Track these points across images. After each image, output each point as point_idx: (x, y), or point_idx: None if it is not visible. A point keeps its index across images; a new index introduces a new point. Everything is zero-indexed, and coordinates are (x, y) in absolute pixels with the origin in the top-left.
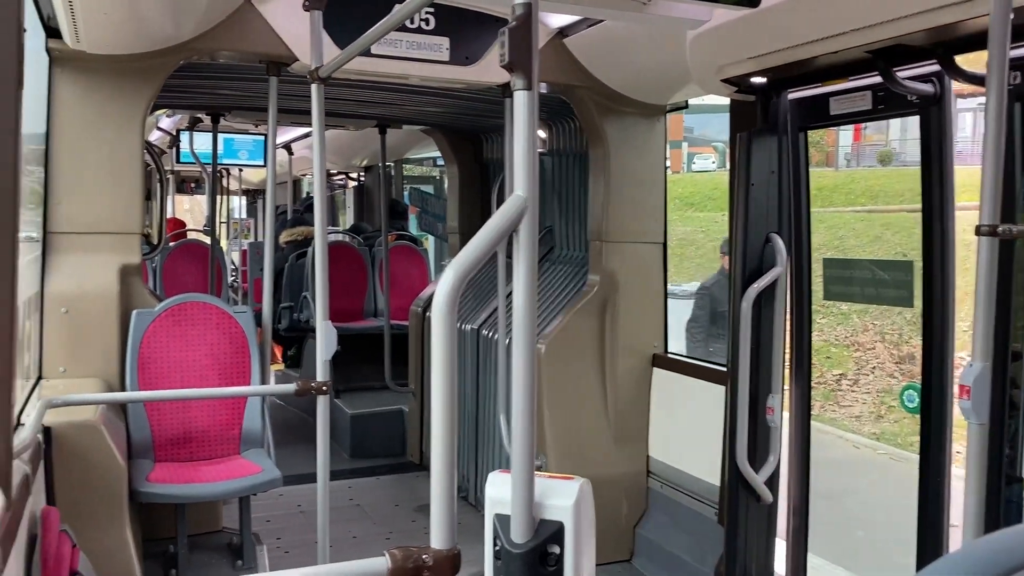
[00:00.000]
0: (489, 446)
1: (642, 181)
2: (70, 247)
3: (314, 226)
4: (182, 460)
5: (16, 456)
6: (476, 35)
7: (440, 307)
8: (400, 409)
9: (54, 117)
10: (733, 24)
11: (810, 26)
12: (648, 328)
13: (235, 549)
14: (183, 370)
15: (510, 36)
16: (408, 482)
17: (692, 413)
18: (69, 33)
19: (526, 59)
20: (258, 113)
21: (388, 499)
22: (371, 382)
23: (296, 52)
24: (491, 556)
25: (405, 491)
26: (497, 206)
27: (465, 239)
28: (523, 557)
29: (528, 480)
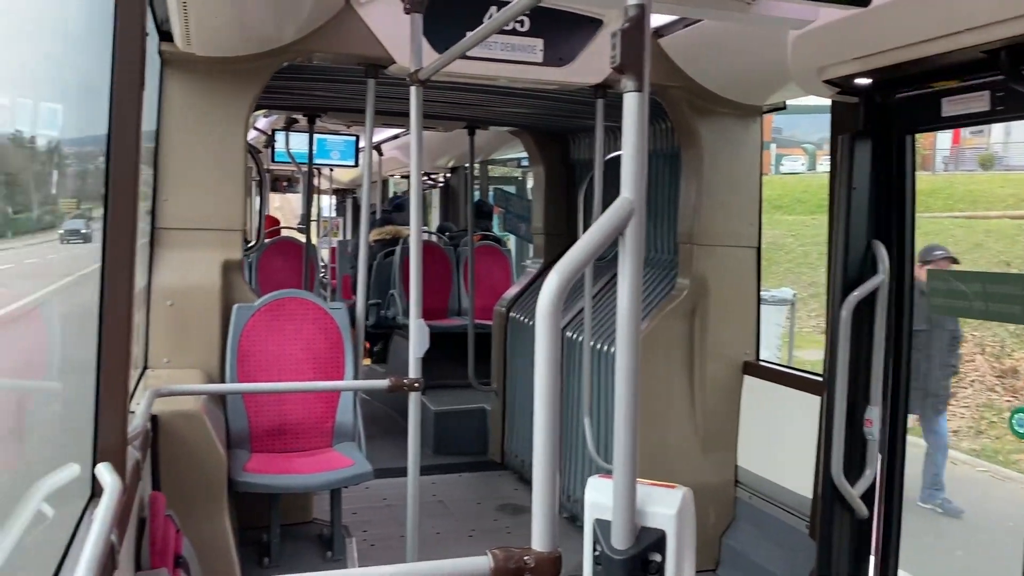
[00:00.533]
0: (571, 448)
1: (736, 183)
2: (176, 242)
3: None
4: (277, 451)
5: (129, 443)
6: (570, 36)
7: (544, 310)
8: (482, 408)
9: (164, 117)
10: (839, 24)
11: (923, 25)
12: (739, 334)
13: (325, 540)
14: (280, 363)
15: (622, 38)
16: (490, 480)
17: (784, 423)
18: (181, 36)
19: (638, 61)
20: (352, 114)
21: (470, 496)
22: (454, 380)
23: (394, 55)
24: (590, 561)
25: (487, 489)
26: (584, 207)
27: (550, 240)
28: (624, 564)
29: (630, 487)
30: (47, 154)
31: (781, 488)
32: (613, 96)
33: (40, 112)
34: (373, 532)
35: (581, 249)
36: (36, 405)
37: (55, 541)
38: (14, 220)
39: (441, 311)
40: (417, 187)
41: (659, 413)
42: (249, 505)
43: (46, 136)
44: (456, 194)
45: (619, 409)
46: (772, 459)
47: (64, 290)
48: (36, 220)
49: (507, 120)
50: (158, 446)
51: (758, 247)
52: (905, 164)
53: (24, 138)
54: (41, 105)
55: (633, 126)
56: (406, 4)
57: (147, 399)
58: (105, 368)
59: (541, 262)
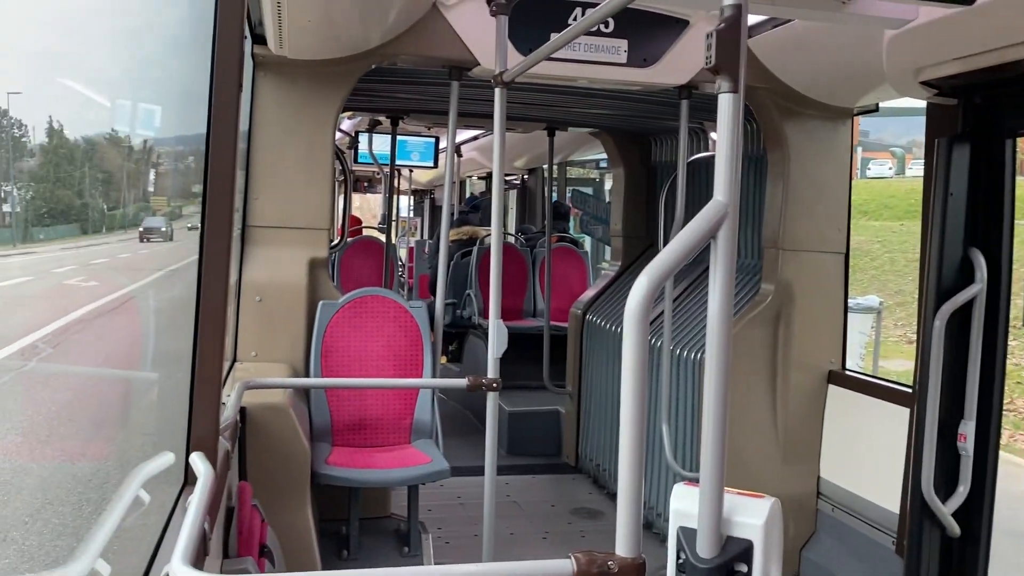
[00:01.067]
0: (648, 455)
1: (824, 187)
2: (265, 240)
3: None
4: (357, 446)
5: (220, 433)
6: (655, 36)
7: (633, 314)
8: (557, 410)
9: (255, 118)
10: (938, 23)
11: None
12: (825, 343)
13: (402, 536)
14: (362, 360)
15: (717, 38)
16: (563, 483)
17: (871, 435)
18: (274, 40)
19: (733, 61)
20: (434, 116)
21: (544, 498)
22: (528, 381)
23: (479, 57)
24: (674, 568)
25: (560, 492)
26: (665, 209)
27: (629, 242)
28: (709, 573)
29: (718, 495)
30: (142, 153)
31: (866, 502)
32: (698, 97)
33: (139, 113)
34: (448, 530)
35: (672, 253)
36: (134, 394)
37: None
38: (109, 216)
39: (517, 312)
40: (499, 188)
41: (739, 421)
42: (328, 498)
43: (143, 136)
44: (533, 195)
45: (707, 416)
46: (857, 471)
47: (155, 284)
48: (132, 217)
49: (587, 121)
50: (246, 437)
51: (846, 253)
52: (1004, 169)
53: (120, 137)
54: (140, 106)
55: (728, 127)
56: (492, 6)
57: (237, 391)
58: (201, 361)
59: (619, 265)
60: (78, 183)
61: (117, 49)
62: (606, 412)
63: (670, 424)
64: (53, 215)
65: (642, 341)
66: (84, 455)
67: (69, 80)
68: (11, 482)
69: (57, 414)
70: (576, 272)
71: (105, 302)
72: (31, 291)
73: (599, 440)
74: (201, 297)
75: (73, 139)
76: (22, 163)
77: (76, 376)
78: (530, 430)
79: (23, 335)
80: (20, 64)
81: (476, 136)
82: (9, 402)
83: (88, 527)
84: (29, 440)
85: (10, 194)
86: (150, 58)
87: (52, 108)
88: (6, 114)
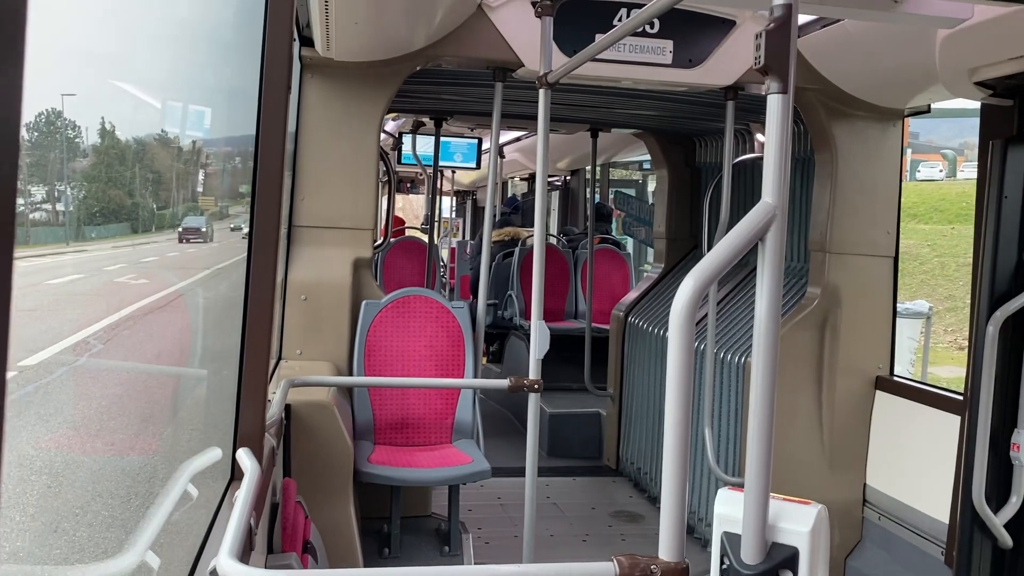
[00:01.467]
0: (690, 458)
1: (873, 189)
2: (311, 239)
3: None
4: (399, 444)
5: (266, 430)
6: (700, 37)
7: (679, 316)
8: (598, 412)
9: (302, 119)
10: (993, 22)
11: None
12: (873, 348)
13: (442, 535)
14: (404, 359)
15: (767, 38)
16: (604, 486)
17: (920, 442)
18: (321, 42)
19: (783, 62)
20: (477, 117)
21: (584, 501)
22: (569, 383)
23: (523, 58)
24: (717, 573)
25: (601, 495)
26: (709, 211)
27: (672, 244)
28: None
29: (763, 501)
30: (191, 154)
31: (914, 511)
32: (744, 98)
33: (189, 114)
34: (488, 530)
35: (718, 255)
36: (181, 389)
37: (197, 519)
38: (159, 216)
39: (558, 313)
40: (543, 189)
41: (784, 426)
42: (369, 496)
43: (192, 137)
44: (576, 197)
45: (753, 421)
46: (905, 479)
47: (203, 282)
48: (180, 216)
49: (631, 122)
50: (290, 434)
51: (895, 257)
52: None
53: (169, 138)
54: (190, 107)
55: (776, 129)
56: (537, 8)
57: (283, 389)
58: (248, 358)
59: (662, 267)
60: (129, 183)
61: (168, 51)
62: (648, 415)
63: (712, 428)
64: (104, 214)
65: (688, 344)
66: (133, 449)
67: (121, 82)
68: (63, 475)
69: (107, 409)
70: (618, 274)
71: (154, 300)
72: (83, 288)
73: (640, 443)
74: (249, 296)
75: (124, 140)
76: (75, 163)
77: (126, 372)
78: (571, 432)
79: (75, 331)
80: (74, 66)
81: (519, 137)
82: (61, 396)
83: (136, 520)
84: (80, 434)
85: (64, 194)
86: (201, 60)
87: (105, 109)
88: (60, 115)
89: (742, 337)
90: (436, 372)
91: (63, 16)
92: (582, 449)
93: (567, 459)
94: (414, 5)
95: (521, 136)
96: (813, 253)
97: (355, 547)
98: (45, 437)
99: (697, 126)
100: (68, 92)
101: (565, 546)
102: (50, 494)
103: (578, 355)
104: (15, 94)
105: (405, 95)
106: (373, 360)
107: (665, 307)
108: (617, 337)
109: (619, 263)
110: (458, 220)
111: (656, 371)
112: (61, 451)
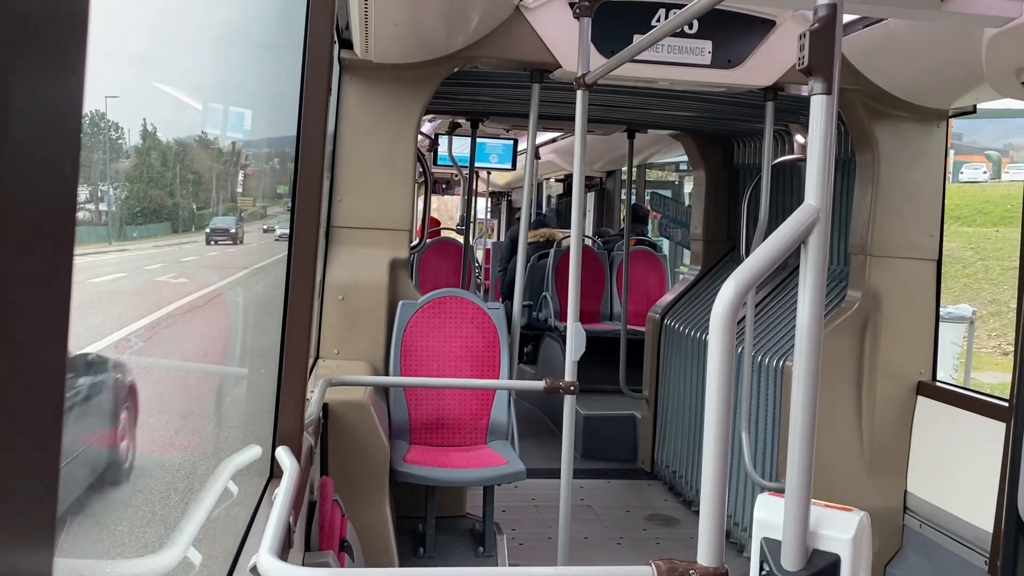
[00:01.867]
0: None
1: (915, 191)
2: (348, 240)
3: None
4: (434, 444)
5: (304, 429)
6: (740, 37)
7: (719, 319)
8: (632, 415)
9: (340, 121)
10: None
11: None
12: (915, 353)
13: (477, 536)
14: (439, 359)
15: (811, 39)
16: (638, 489)
17: (963, 449)
18: (360, 44)
19: (827, 63)
20: (513, 119)
21: (619, 504)
22: (604, 385)
23: (560, 59)
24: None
25: (635, 498)
26: (748, 213)
27: (709, 246)
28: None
29: (804, 507)
30: (231, 155)
31: (957, 519)
32: (782, 99)
33: (229, 116)
34: (522, 531)
35: (760, 258)
36: (220, 387)
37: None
38: (199, 216)
39: (593, 315)
40: (580, 191)
41: (823, 430)
42: (404, 495)
43: (232, 138)
44: (611, 198)
45: (795, 425)
46: (948, 487)
47: (242, 281)
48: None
49: (668, 123)
50: (327, 433)
51: (938, 260)
52: None
53: (210, 139)
54: (230, 109)
55: (820, 130)
56: (575, 9)
57: (320, 388)
58: (287, 357)
59: (699, 269)
60: (170, 183)
61: (209, 53)
62: (684, 419)
63: (749, 432)
64: (146, 214)
65: (729, 348)
66: (172, 446)
67: (163, 84)
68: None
69: (147, 406)
70: (654, 275)
71: (194, 298)
72: (124, 287)
73: (676, 447)
74: (289, 296)
75: (166, 141)
76: (118, 164)
77: (166, 369)
78: (605, 434)
79: (116, 329)
80: (118, 68)
81: (555, 138)
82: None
83: (175, 516)
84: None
85: (107, 194)
86: (243, 63)
87: (146, 111)
88: (104, 117)
89: (779, 340)
90: (471, 373)
91: (106, 18)
92: (616, 451)
93: (601, 461)
94: (452, 8)
95: (557, 137)
96: (853, 256)
97: (391, 546)
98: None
99: (735, 127)
100: (111, 94)
101: (600, 549)
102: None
103: (613, 357)
104: (77, 99)
105: (442, 96)
106: (409, 360)
107: (702, 310)
108: (653, 339)
109: (655, 265)
110: (493, 221)
111: (693, 374)
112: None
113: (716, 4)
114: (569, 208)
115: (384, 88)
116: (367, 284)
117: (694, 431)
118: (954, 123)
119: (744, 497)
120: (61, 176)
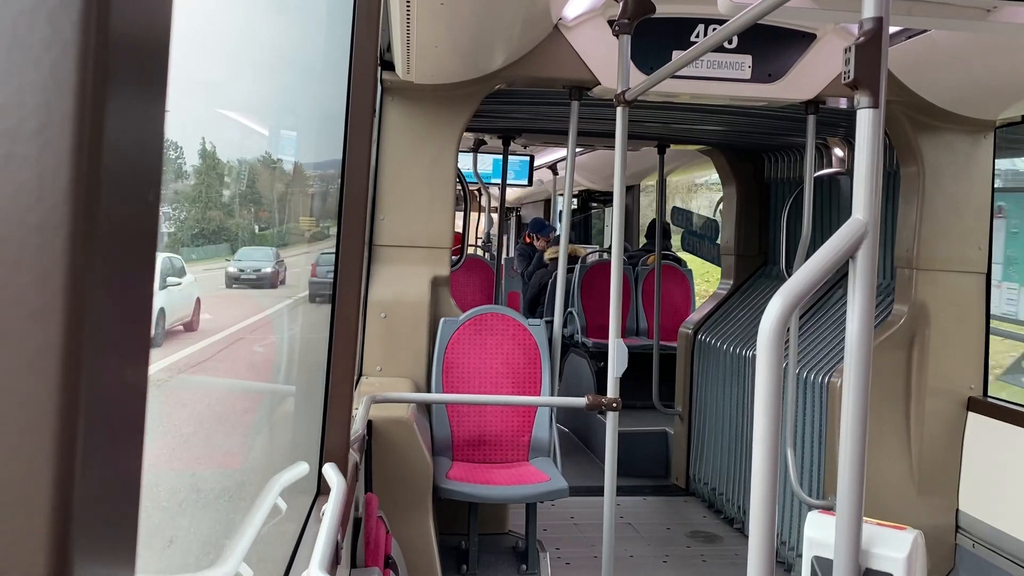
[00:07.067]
0: None
1: (963, 203)
2: (391, 258)
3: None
4: (476, 461)
5: (350, 446)
6: (780, 51)
7: (767, 336)
8: (665, 431)
9: (382, 141)
10: None
11: None
12: (964, 368)
13: (519, 553)
14: (481, 376)
15: (857, 52)
16: (676, 506)
17: (1017, 466)
18: (401, 66)
19: (874, 76)
20: (545, 135)
21: (658, 521)
22: (634, 401)
23: (599, 76)
24: None
25: (674, 515)
26: (787, 227)
27: (741, 261)
28: None
29: (856, 525)
30: (283, 176)
31: (1013, 539)
32: (823, 112)
33: (280, 139)
34: (565, 550)
35: (808, 273)
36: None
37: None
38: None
39: (620, 330)
40: (620, 207)
41: (872, 447)
42: (446, 512)
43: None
44: (631, 213)
45: (845, 442)
46: (1002, 505)
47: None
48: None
49: (699, 138)
50: (371, 450)
51: (987, 273)
52: None
53: (265, 161)
54: (281, 132)
55: (867, 144)
56: (615, 27)
57: (365, 405)
58: (334, 376)
59: (730, 283)
60: (227, 205)
61: (262, 77)
62: (721, 434)
63: (795, 449)
64: (204, 235)
65: (777, 365)
66: (226, 463)
67: (223, 108)
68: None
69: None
70: (680, 290)
71: (247, 323)
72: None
73: (715, 463)
74: (335, 314)
75: (225, 162)
76: (178, 185)
77: (215, 389)
78: (637, 451)
79: (171, 353)
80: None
81: (577, 154)
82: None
83: (221, 533)
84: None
85: (167, 215)
86: (292, 85)
87: (205, 132)
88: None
89: (825, 355)
90: (513, 390)
91: (184, 45)
92: (649, 468)
93: (634, 478)
94: (492, 28)
95: (577, 153)
96: (899, 270)
97: (434, 563)
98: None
99: (770, 141)
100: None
101: (646, 567)
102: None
103: (641, 373)
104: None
105: (476, 114)
106: (451, 377)
107: (736, 324)
108: (686, 354)
109: (680, 280)
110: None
111: (730, 389)
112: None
113: (758, 19)
114: (584, 224)
115: (425, 108)
116: (409, 302)
117: (734, 447)
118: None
119: (790, 515)
120: (145, 204)
